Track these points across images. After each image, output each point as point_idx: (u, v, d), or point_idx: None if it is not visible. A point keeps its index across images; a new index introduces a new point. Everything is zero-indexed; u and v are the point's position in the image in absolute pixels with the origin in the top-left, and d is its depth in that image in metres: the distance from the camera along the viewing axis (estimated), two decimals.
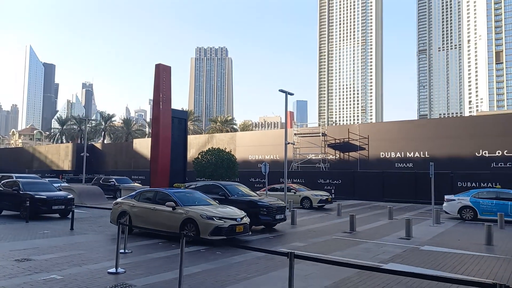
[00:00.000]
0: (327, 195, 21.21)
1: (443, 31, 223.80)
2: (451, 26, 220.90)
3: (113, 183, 27.61)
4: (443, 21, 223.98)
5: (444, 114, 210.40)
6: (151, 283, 6.43)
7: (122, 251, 8.30)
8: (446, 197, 17.17)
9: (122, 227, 8.58)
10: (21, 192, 15.61)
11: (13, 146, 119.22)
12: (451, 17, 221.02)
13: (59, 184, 24.78)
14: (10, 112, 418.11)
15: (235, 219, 10.20)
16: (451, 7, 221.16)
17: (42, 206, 15.09)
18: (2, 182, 17.71)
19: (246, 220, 10.56)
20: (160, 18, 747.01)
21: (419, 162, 27.36)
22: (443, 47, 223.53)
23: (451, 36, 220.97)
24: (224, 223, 9.89)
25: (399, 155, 28.83)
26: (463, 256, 9.03)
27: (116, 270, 7.02)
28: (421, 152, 27.85)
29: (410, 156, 28.29)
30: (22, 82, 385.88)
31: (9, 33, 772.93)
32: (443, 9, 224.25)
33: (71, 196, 16.19)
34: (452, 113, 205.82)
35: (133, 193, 12.53)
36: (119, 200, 12.62)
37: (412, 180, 24.62)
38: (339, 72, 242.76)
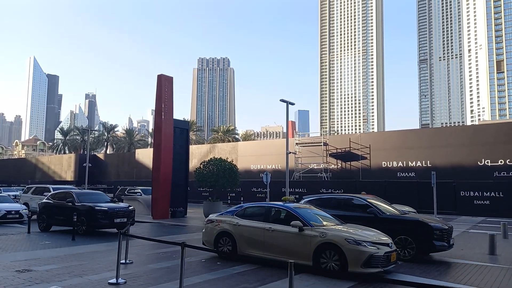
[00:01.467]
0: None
1: (443, 40, 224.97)
2: (451, 36, 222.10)
3: (139, 194, 25.89)
4: (443, 31, 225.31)
5: (446, 123, 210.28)
6: None
7: (123, 261, 8.28)
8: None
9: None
10: (76, 204, 13.88)
11: (16, 157, 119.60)
12: (451, 27, 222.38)
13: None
14: (13, 123, 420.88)
15: (388, 245, 7.82)
16: (451, 17, 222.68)
17: (103, 219, 13.39)
18: (51, 194, 16.10)
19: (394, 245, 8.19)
20: (162, 29, 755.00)
21: (421, 171, 27.28)
22: (444, 57, 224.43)
23: (451, 45, 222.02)
24: (379, 250, 7.52)
25: (401, 164, 28.76)
26: (467, 266, 8.96)
27: (117, 281, 7.00)
28: (423, 161, 27.78)
29: (412, 165, 28.22)
30: (25, 93, 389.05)
31: (13, 45, 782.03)
32: (443, 19, 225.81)
33: (132, 207, 14.76)
34: (454, 122, 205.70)
35: (234, 208, 10.17)
36: (214, 217, 10.07)
37: (414, 190, 24.51)
38: (341, 81, 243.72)
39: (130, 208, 14.38)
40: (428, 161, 27.45)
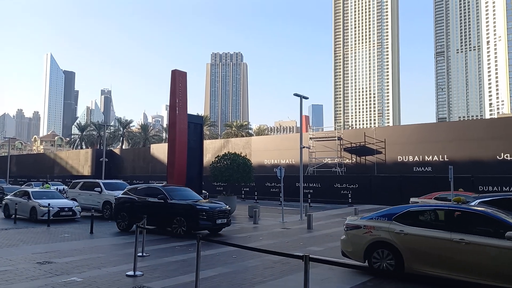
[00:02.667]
0: None
1: (461, 32, 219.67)
2: (469, 28, 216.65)
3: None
4: (461, 23, 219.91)
5: (463, 117, 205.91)
6: (168, 286, 6.51)
7: (140, 254, 8.42)
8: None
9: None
10: (169, 202, 12.17)
11: (35, 152, 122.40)
12: (469, 18, 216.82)
13: None
14: (32, 119, 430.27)
15: None
16: (469, 8, 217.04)
17: (204, 220, 11.59)
18: (131, 188, 14.23)
19: None
20: (176, 25, 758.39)
21: (438, 165, 26.84)
22: (462, 49, 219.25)
23: (469, 37, 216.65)
24: None
25: (417, 159, 28.34)
26: None
27: (134, 273, 7.14)
28: (440, 156, 27.31)
29: (428, 159, 27.78)
30: (43, 89, 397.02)
31: (31, 42, 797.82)
32: (460, 10, 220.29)
33: (229, 207, 13.09)
34: (472, 116, 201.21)
35: (387, 210, 7.89)
36: (359, 221, 7.90)
37: (431, 184, 24.11)
38: (355, 75, 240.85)
39: (228, 208, 12.69)
40: (445, 155, 26.97)
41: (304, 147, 20.17)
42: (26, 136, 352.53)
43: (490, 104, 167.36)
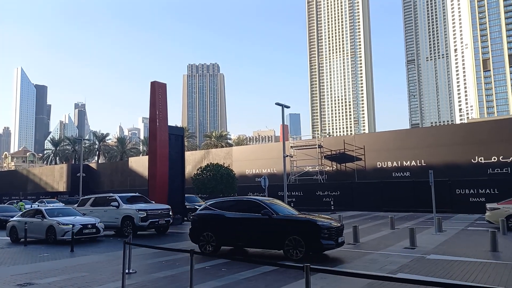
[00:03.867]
0: None
1: (430, 41, 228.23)
2: (437, 36, 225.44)
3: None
4: (429, 31, 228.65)
5: (435, 122, 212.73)
6: None
7: (126, 271, 8.13)
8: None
9: None
10: (275, 217, 10.14)
11: (6, 169, 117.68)
12: (437, 27, 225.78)
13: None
14: (2, 135, 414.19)
15: None
16: (436, 17, 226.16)
17: (327, 238, 9.61)
18: (218, 202, 12.01)
19: None
20: (151, 36, 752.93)
21: (416, 170, 27.48)
22: (431, 57, 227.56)
23: (438, 45, 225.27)
24: None
25: (396, 164, 28.94)
26: (471, 263, 8.99)
27: None
28: (418, 161, 27.99)
29: (406, 165, 28.41)
30: (13, 104, 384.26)
31: (0, 56, 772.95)
32: (428, 19, 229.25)
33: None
34: (443, 121, 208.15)
35: None
36: None
37: (410, 189, 24.65)
38: (331, 84, 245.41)
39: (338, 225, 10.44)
40: (423, 160, 27.67)
41: (287, 155, 20.27)
42: None
43: (460, 109, 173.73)
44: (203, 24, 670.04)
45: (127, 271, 8.25)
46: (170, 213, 16.75)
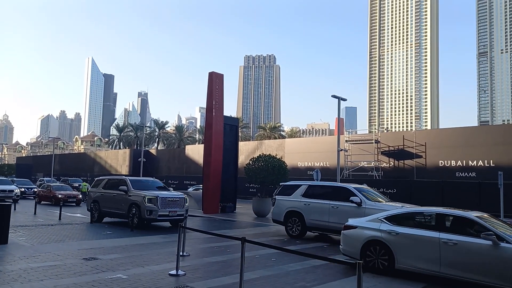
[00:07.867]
0: None
1: (505, 32, 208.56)
2: None
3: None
4: (505, 22, 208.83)
5: (508, 120, 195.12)
6: (211, 287, 6.49)
7: (180, 253, 8.48)
8: None
9: None
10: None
11: (76, 152, 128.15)
12: None
13: None
14: (73, 120, 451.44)
15: None
16: None
17: None
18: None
19: None
20: (209, 29, 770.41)
21: (483, 171, 25.49)
22: (506, 49, 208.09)
23: None
24: None
25: (460, 164, 27.04)
26: None
27: (177, 272, 7.18)
28: (485, 161, 25.92)
29: (472, 164, 26.43)
30: (84, 91, 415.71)
31: (73, 46, 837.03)
32: (505, 8, 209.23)
33: None
34: None
35: None
36: None
37: (475, 190, 22.94)
38: (391, 77, 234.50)
39: None
40: (491, 160, 25.57)
41: (341, 149, 19.78)
42: (68, 136, 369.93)
43: None
44: (261, 16, 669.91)
45: (181, 253, 8.62)
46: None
